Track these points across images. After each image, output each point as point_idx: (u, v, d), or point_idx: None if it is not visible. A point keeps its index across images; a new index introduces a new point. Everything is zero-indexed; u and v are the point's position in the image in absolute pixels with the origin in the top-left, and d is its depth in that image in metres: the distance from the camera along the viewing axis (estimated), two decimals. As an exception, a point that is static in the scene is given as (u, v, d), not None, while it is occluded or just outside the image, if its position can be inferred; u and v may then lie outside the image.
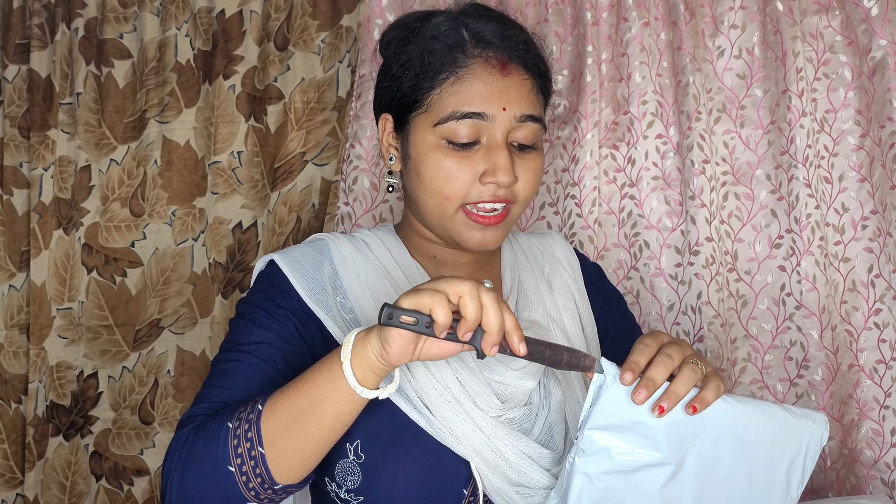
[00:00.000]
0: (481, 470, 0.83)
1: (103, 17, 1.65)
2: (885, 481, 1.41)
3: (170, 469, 0.78)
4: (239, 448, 0.75)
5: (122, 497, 1.64)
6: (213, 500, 0.76)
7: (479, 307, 0.70)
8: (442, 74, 0.87)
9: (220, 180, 1.64)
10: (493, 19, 0.91)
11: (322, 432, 0.76)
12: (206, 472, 0.76)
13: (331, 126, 1.63)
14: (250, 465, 0.75)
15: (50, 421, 1.62)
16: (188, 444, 0.78)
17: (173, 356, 1.64)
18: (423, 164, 0.88)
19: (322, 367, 0.76)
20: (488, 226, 0.89)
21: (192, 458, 0.77)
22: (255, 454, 0.75)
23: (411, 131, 0.90)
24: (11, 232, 1.64)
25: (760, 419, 0.78)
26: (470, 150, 0.87)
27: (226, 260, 1.64)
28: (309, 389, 0.76)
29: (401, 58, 0.91)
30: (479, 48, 0.88)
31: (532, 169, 0.90)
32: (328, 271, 0.92)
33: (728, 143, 1.52)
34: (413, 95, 0.89)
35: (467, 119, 0.86)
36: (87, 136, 1.65)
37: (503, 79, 0.88)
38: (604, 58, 1.55)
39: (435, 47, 0.88)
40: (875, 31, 1.43)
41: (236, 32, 1.63)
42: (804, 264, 1.45)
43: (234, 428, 0.76)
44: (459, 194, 0.88)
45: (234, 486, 0.75)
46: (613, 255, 1.54)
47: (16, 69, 1.65)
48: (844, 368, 1.45)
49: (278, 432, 0.75)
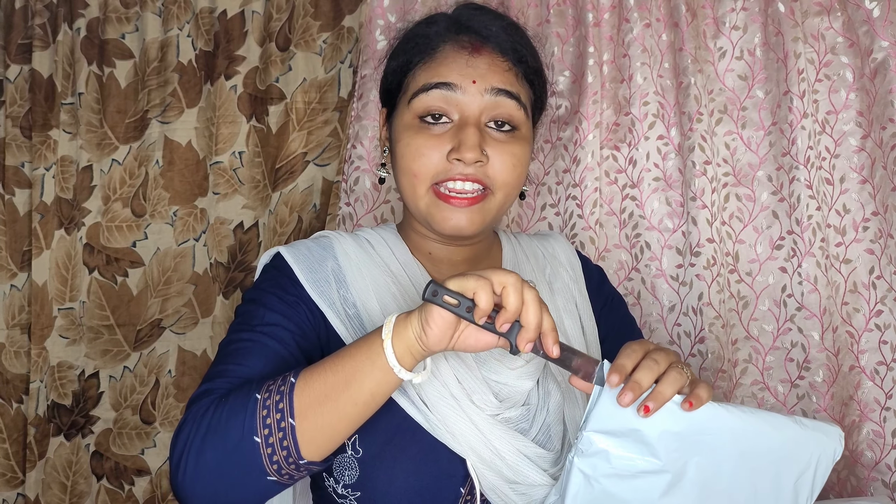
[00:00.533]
0: (477, 467, 0.83)
1: (105, 17, 1.65)
2: (885, 483, 1.41)
3: (185, 442, 0.75)
4: (268, 419, 0.74)
5: (123, 497, 1.64)
6: (232, 473, 0.74)
7: (521, 301, 0.71)
8: (417, 57, 0.92)
9: (221, 180, 1.64)
10: (476, 10, 0.95)
11: (354, 409, 0.75)
12: (230, 444, 0.74)
13: (332, 126, 1.63)
14: (278, 437, 0.73)
15: (51, 420, 1.62)
16: (209, 415, 0.76)
17: (174, 356, 1.65)
18: (398, 143, 0.92)
19: (361, 345, 0.76)
20: (459, 207, 0.89)
21: (215, 430, 0.75)
22: (284, 426, 0.74)
23: (395, 116, 0.95)
24: (13, 232, 1.64)
25: (767, 431, 0.77)
26: (441, 128, 0.89)
27: (227, 260, 1.64)
28: (346, 365, 0.75)
29: (393, 50, 0.98)
30: (452, 32, 0.93)
31: (508, 152, 0.90)
32: (332, 266, 0.92)
33: (729, 145, 1.52)
34: (395, 80, 0.95)
35: (435, 90, 0.89)
36: (88, 136, 1.65)
37: (473, 58, 0.90)
38: (605, 59, 1.55)
39: (416, 41, 0.94)
40: (877, 33, 1.43)
41: (238, 33, 1.64)
42: (805, 266, 1.45)
43: (264, 399, 0.75)
44: (427, 171, 0.88)
45: (257, 458, 0.73)
46: (614, 255, 1.54)
47: (18, 69, 1.65)
48: (845, 370, 1.45)
49: (311, 406, 0.74)
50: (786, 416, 0.79)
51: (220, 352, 0.86)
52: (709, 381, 1.46)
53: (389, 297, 0.90)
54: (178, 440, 0.76)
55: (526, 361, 0.87)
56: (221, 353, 0.86)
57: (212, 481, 0.74)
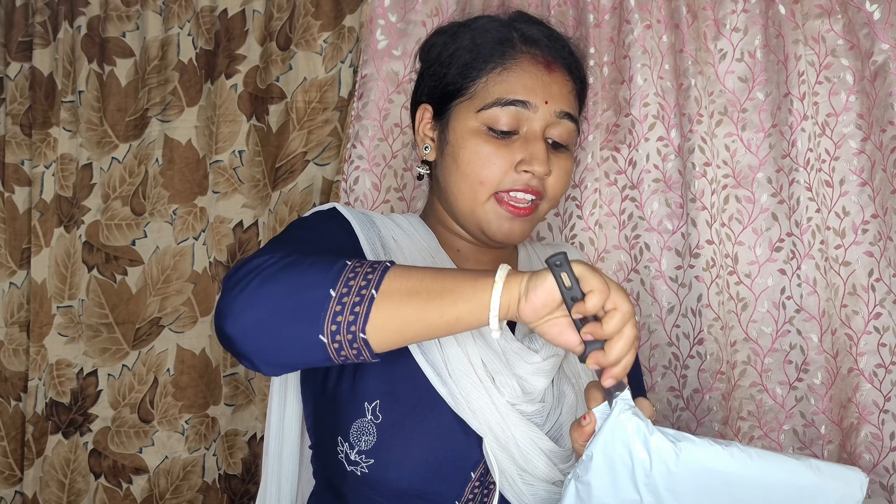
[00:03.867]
0: (493, 449, 0.83)
1: (106, 15, 1.65)
2: (883, 485, 1.41)
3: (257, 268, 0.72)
4: (352, 281, 0.71)
5: (121, 495, 1.64)
6: (290, 309, 0.71)
7: (619, 330, 0.70)
8: (490, 64, 0.92)
9: (221, 179, 1.64)
10: (540, 24, 0.96)
11: (436, 320, 0.72)
12: (307, 282, 0.71)
13: (332, 126, 1.63)
14: (353, 300, 0.70)
15: (49, 419, 1.62)
16: (290, 259, 0.73)
17: (173, 355, 1.64)
18: (462, 149, 0.91)
19: (467, 274, 0.74)
20: (517, 216, 0.91)
21: (295, 267, 0.72)
22: (364, 293, 0.70)
23: (452, 117, 0.94)
24: (12, 229, 1.64)
25: (776, 479, 0.71)
26: (508, 139, 0.91)
27: (226, 259, 1.64)
28: (447, 281, 0.73)
29: (449, 48, 0.95)
30: (526, 45, 0.93)
31: (564, 168, 0.94)
32: (377, 236, 0.93)
33: (729, 146, 1.52)
34: (458, 83, 0.93)
35: (511, 106, 0.90)
36: (88, 134, 1.65)
37: (548, 75, 0.92)
38: (606, 60, 1.55)
39: (485, 40, 0.93)
40: (877, 35, 1.44)
41: (239, 32, 1.64)
42: (805, 268, 1.45)
43: (354, 266, 0.72)
44: (494, 180, 0.90)
45: (322, 307, 0.70)
46: (614, 256, 1.54)
47: (18, 67, 1.65)
48: (844, 372, 1.45)
49: (398, 292, 0.71)
50: (798, 461, 0.72)
51: (279, 238, 0.84)
52: (707, 382, 1.46)
53: None
54: (246, 264, 0.73)
55: (543, 359, 0.88)
56: (284, 237, 0.84)
57: (269, 306, 0.71)
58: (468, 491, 0.84)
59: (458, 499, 0.84)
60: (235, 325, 0.72)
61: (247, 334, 0.72)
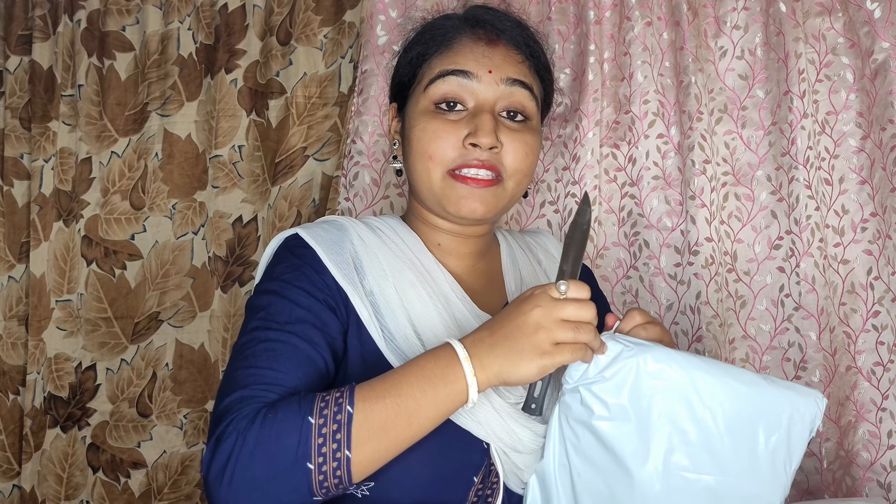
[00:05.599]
0: (499, 452, 0.84)
1: (106, 9, 1.65)
2: (881, 483, 1.41)
3: (230, 453, 0.73)
4: (323, 447, 0.73)
5: (119, 489, 1.64)
6: (280, 492, 0.73)
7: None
8: (433, 49, 0.95)
9: (220, 174, 1.64)
10: (488, 9, 0.98)
11: (413, 439, 0.77)
12: (281, 465, 0.73)
13: (332, 121, 1.63)
14: (332, 466, 0.73)
15: (47, 412, 1.62)
16: (255, 429, 0.74)
17: (172, 349, 1.64)
18: (413, 129, 0.93)
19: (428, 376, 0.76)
20: (476, 187, 0.90)
21: (264, 447, 0.73)
22: (339, 456, 0.73)
23: (408, 105, 0.96)
24: (11, 223, 1.64)
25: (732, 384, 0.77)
26: (457, 115, 0.91)
27: (226, 254, 1.64)
28: (407, 400, 0.75)
29: (406, 50, 1.00)
30: (468, 25, 0.95)
31: (522, 140, 0.92)
32: (350, 251, 0.91)
33: (729, 144, 1.52)
34: (409, 72, 0.96)
35: (452, 76, 0.91)
36: (88, 128, 1.65)
37: (489, 49, 0.93)
38: (606, 57, 1.55)
39: (432, 33, 0.96)
40: (878, 34, 1.44)
41: (239, 26, 1.63)
42: (803, 266, 1.45)
43: (319, 426, 0.73)
44: (443, 155, 0.90)
45: (307, 482, 0.73)
46: (613, 253, 1.54)
47: (18, 60, 1.65)
48: (842, 370, 1.45)
49: (369, 438, 0.74)
50: (755, 373, 0.78)
51: (244, 350, 0.82)
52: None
53: (406, 283, 0.90)
54: (219, 449, 0.74)
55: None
56: (247, 351, 0.82)
57: (258, 497, 0.73)
58: (472, 495, 0.84)
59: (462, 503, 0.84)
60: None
61: None
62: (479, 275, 1.00)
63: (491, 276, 1.02)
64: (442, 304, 0.90)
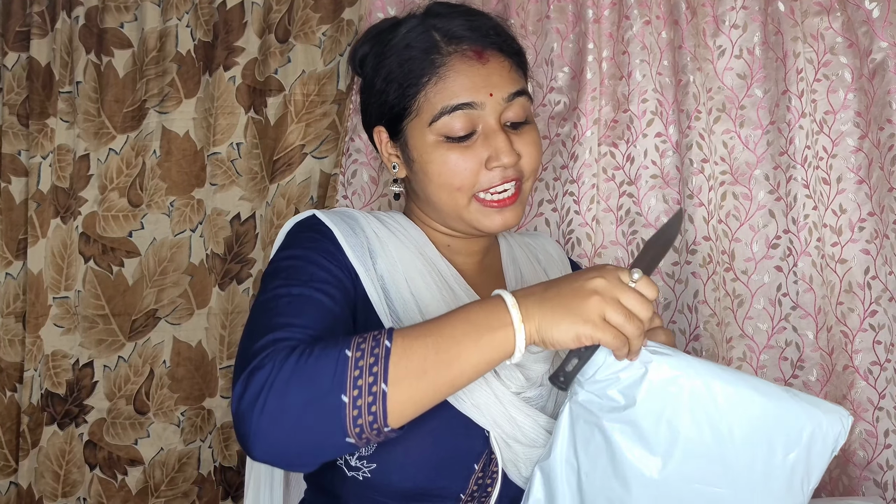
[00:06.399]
0: (499, 441, 0.84)
1: (104, 6, 1.64)
2: (877, 482, 1.41)
3: (266, 380, 0.71)
4: (359, 380, 0.70)
5: (116, 486, 1.64)
6: (312, 422, 0.71)
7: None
8: (423, 78, 0.90)
9: (219, 171, 1.64)
10: (458, 14, 0.94)
11: (451, 390, 0.74)
12: (317, 392, 0.70)
13: (330, 119, 1.63)
14: (367, 401, 0.70)
15: (45, 409, 1.62)
16: (293, 359, 0.72)
17: (169, 347, 1.64)
18: (428, 164, 0.91)
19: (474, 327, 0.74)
20: (504, 207, 0.92)
21: (301, 375, 0.71)
22: (375, 390, 0.70)
23: (408, 137, 0.93)
24: (9, 220, 1.64)
25: (750, 395, 0.75)
26: (469, 141, 0.90)
27: (223, 251, 1.64)
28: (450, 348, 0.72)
29: (381, 73, 0.93)
30: (452, 45, 0.91)
31: (531, 142, 0.93)
32: (363, 236, 0.92)
33: (727, 143, 1.52)
34: (401, 104, 0.92)
35: (458, 111, 0.89)
36: (86, 125, 1.65)
37: (483, 67, 0.91)
38: (605, 55, 1.55)
39: (411, 55, 0.91)
40: (876, 33, 1.44)
41: (237, 24, 1.63)
42: (801, 265, 1.45)
43: (356, 358, 0.71)
44: (469, 184, 0.90)
45: (341, 416, 0.70)
46: (611, 252, 1.54)
47: (15, 57, 1.65)
48: (839, 369, 1.45)
49: (407, 377, 0.71)
50: (778, 386, 0.76)
51: (269, 304, 0.81)
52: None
53: (415, 271, 0.92)
54: (253, 378, 0.72)
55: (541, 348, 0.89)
56: (272, 304, 0.81)
57: (290, 425, 0.71)
58: (472, 483, 0.85)
59: (462, 492, 0.85)
60: (266, 452, 0.73)
61: (278, 456, 0.73)
62: (482, 271, 1.01)
63: (493, 273, 1.03)
64: (448, 295, 0.92)
